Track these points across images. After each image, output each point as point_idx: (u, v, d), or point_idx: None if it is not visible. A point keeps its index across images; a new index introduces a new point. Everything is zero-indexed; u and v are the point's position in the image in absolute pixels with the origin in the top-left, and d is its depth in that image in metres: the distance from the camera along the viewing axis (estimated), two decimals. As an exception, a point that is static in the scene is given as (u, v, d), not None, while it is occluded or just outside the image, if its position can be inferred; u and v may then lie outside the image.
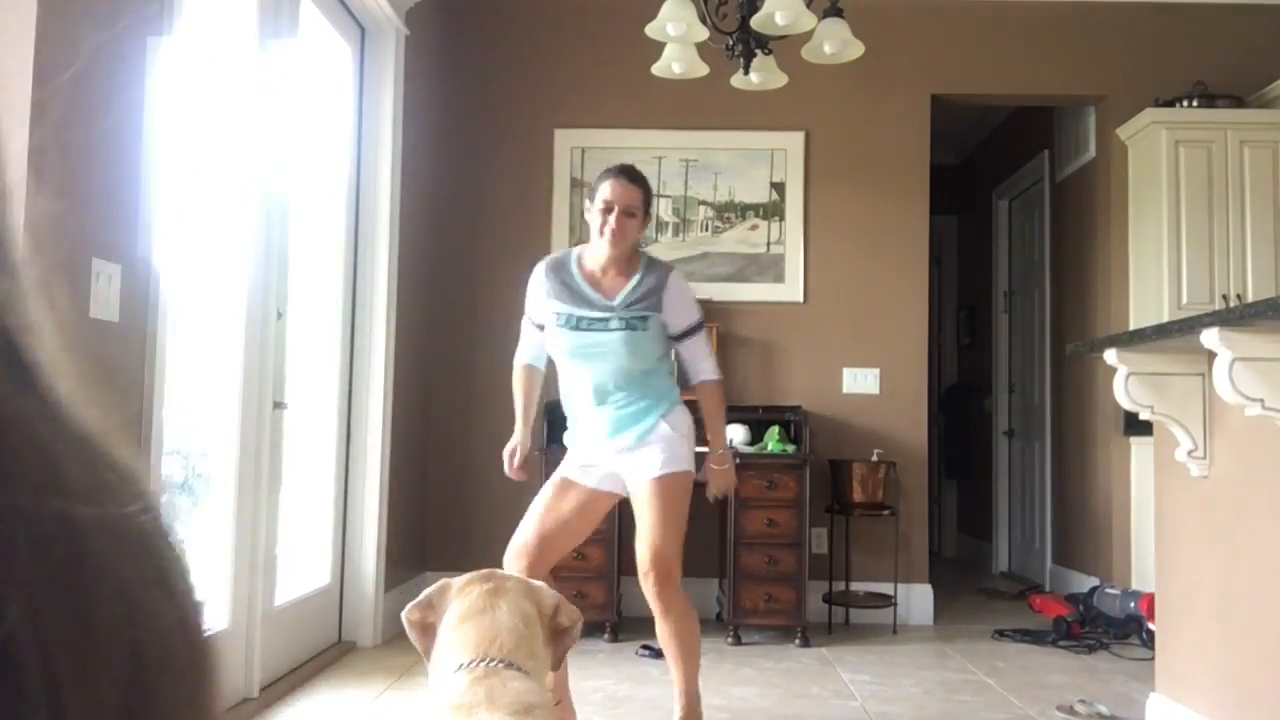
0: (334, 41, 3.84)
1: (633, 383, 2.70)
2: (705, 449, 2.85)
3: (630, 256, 2.73)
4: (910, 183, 4.88)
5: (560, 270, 2.74)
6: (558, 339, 2.72)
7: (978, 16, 4.96)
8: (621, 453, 2.69)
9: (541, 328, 2.78)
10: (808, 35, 3.27)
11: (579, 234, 4.74)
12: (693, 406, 2.82)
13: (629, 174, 2.71)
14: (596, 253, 2.72)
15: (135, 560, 0.32)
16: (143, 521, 0.32)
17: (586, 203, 2.74)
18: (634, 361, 2.68)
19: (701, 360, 2.79)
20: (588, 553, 4.08)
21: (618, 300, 2.69)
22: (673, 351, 2.82)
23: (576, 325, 2.69)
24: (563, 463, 2.80)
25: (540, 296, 2.77)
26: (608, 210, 2.64)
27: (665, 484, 2.66)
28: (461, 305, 4.81)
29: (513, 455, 2.82)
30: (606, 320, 2.67)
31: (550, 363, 2.86)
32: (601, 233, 2.65)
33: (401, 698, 3.25)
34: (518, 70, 4.92)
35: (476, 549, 4.72)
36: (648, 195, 2.73)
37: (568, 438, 2.85)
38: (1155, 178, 4.63)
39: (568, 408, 2.81)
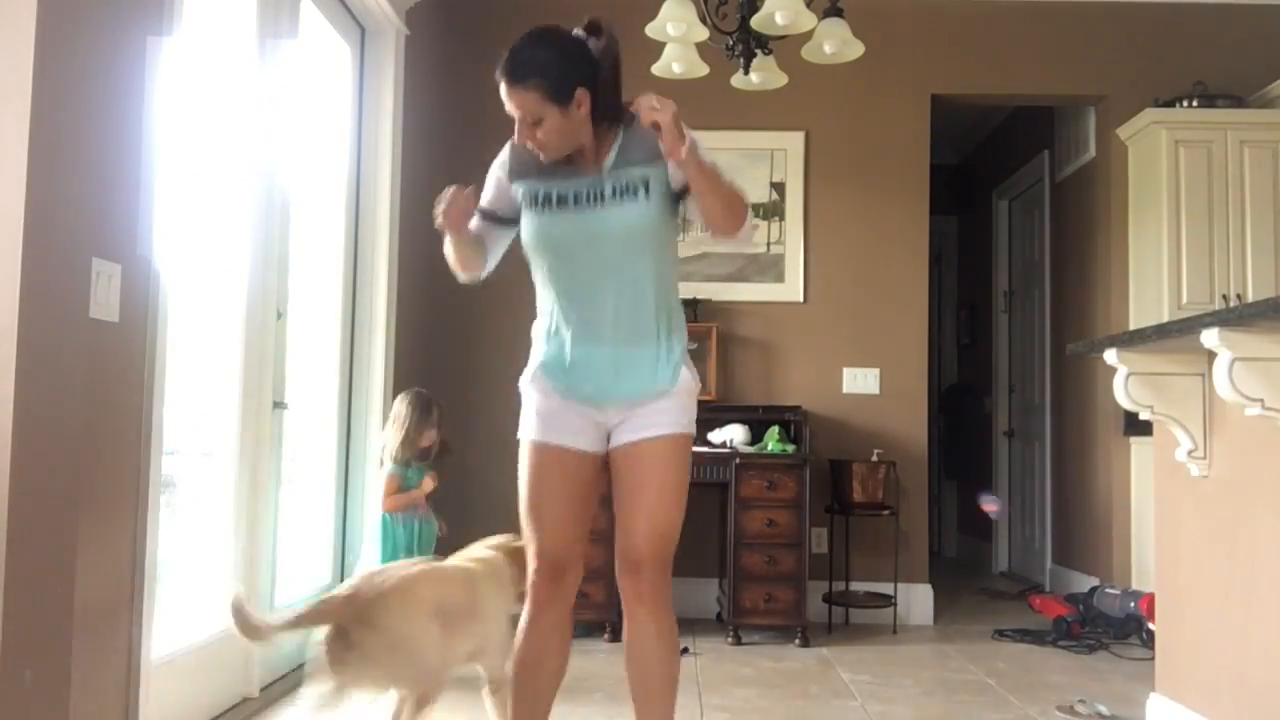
0: (334, 41, 3.84)
1: (645, 301, 2.11)
2: None
3: (589, 137, 2.14)
4: (910, 183, 4.88)
5: (527, 150, 2.13)
6: (535, 230, 2.12)
7: (978, 16, 4.96)
8: (629, 404, 2.12)
9: (488, 216, 2.21)
10: (808, 35, 3.27)
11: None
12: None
13: (518, 68, 2.10)
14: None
15: None
16: None
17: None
18: (647, 254, 2.11)
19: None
20: (589, 552, 4.07)
21: (606, 163, 2.12)
22: (678, 256, 2.26)
23: (560, 203, 2.10)
24: (524, 426, 2.16)
25: (499, 171, 2.21)
26: (517, 122, 2.08)
27: (677, 446, 2.13)
28: (461, 305, 4.81)
29: (460, 195, 2.11)
30: (598, 192, 2.09)
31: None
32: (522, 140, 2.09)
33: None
34: (518, 70, 4.91)
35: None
36: (552, 82, 2.08)
37: (537, 380, 2.16)
38: (1155, 178, 4.63)
39: (552, 335, 2.17)
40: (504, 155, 2.24)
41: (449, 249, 2.21)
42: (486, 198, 2.23)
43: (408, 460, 3.40)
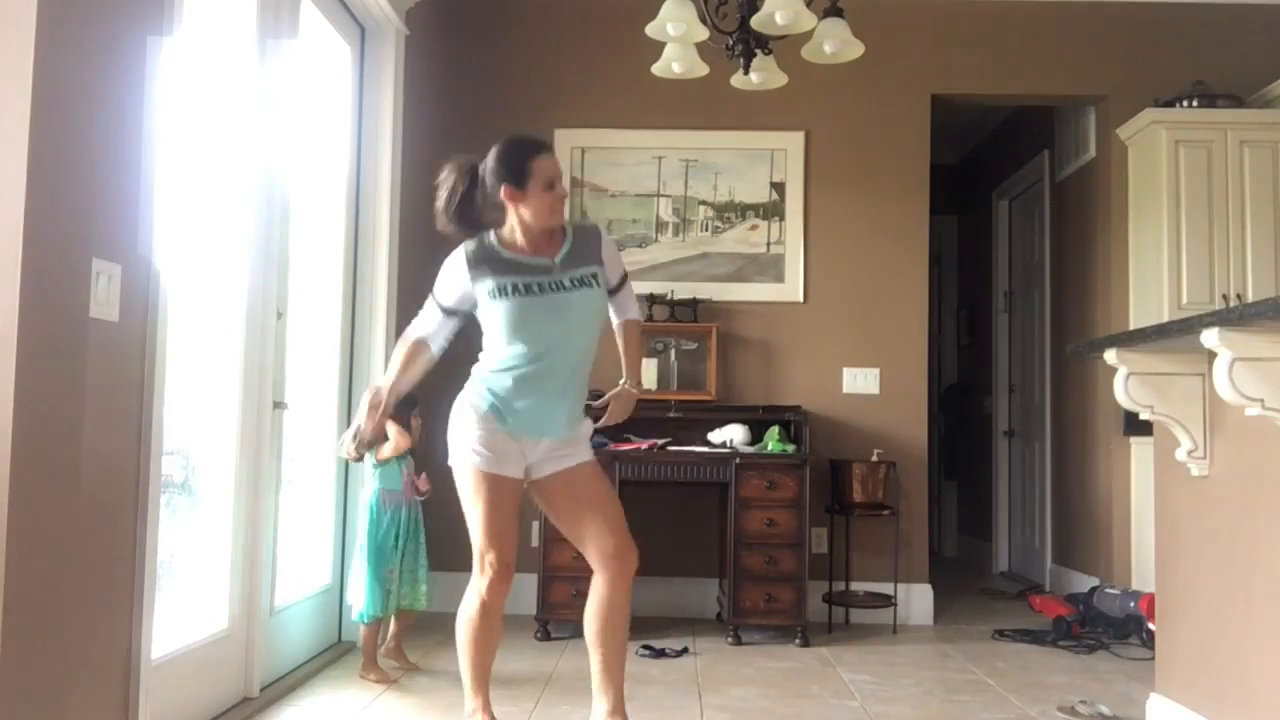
0: (334, 42, 3.84)
1: (585, 364, 2.67)
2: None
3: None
4: (910, 183, 4.88)
5: (484, 250, 2.62)
6: (505, 313, 2.57)
7: (978, 16, 4.96)
8: (562, 442, 2.65)
9: (452, 313, 2.69)
10: (808, 35, 3.27)
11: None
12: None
13: (549, 146, 2.68)
14: (531, 228, 2.61)
15: None
16: None
17: (505, 186, 2.57)
18: (592, 328, 2.65)
19: (630, 303, 2.83)
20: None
21: (557, 259, 2.62)
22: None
23: (527, 290, 2.57)
24: (475, 458, 2.59)
25: (459, 279, 2.63)
26: (550, 186, 2.58)
27: (598, 466, 2.73)
28: (461, 305, 4.81)
29: (376, 401, 2.70)
30: (558, 281, 2.60)
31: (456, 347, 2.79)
32: (553, 209, 2.59)
33: (401, 698, 3.25)
34: (518, 70, 4.92)
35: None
36: None
37: (486, 418, 2.60)
38: (1155, 178, 4.63)
39: (509, 394, 2.60)
40: (459, 261, 2.65)
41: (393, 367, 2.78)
42: (449, 299, 2.69)
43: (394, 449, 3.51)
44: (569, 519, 2.70)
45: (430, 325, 2.73)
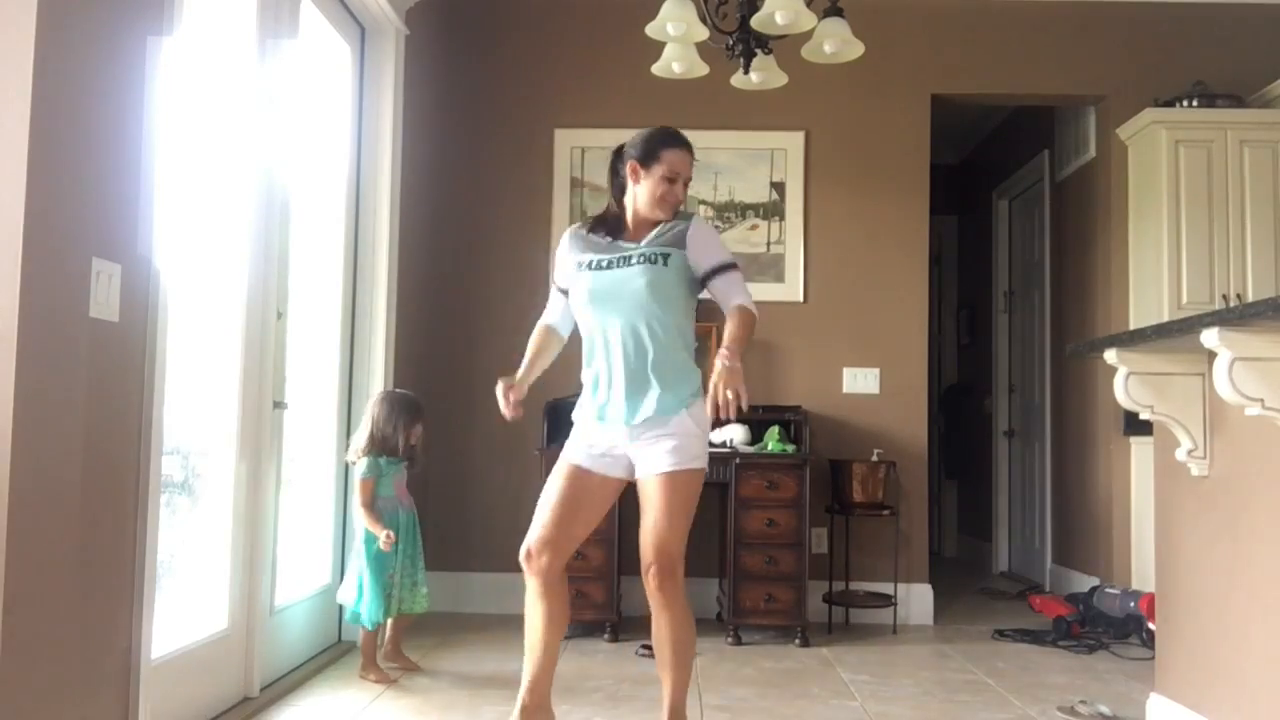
0: (334, 42, 3.84)
1: (659, 351, 2.59)
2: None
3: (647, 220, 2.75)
4: (910, 183, 4.88)
5: (585, 229, 2.77)
6: (578, 287, 2.66)
7: (978, 16, 4.96)
8: (637, 441, 2.60)
9: (566, 293, 2.75)
10: (808, 35, 3.27)
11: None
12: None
13: (688, 142, 2.74)
14: (639, 212, 2.70)
15: None
16: None
17: (632, 161, 2.68)
18: (657, 307, 2.59)
19: (733, 291, 2.71)
20: (588, 553, 4.08)
21: (643, 243, 2.67)
22: (693, 322, 2.79)
23: (597, 266, 2.65)
24: (569, 446, 2.69)
25: (565, 256, 2.75)
26: (673, 180, 2.66)
27: (677, 479, 2.59)
28: (461, 305, 4.81)
29: (509, 390, 2.68)
30: (627, 257, 2.64)
31: (574, 340, 2.78)
32: (663, 200, 2.66)
33: (400, 698, 3.25)
34: (518, 70, 4.92)
35: (476, 549, 4.73)
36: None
37: (579, 413, 2.71)
38: (1155, 178, 4.63)
39: (588, 380, 2.69)
40: (567, 236, 2.79)
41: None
42: (562, 279, 2.78)
43: (381, 454, 3.51)
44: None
45: (554, 309, 2.82)
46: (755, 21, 3.15)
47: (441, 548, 4.70)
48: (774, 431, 4.36)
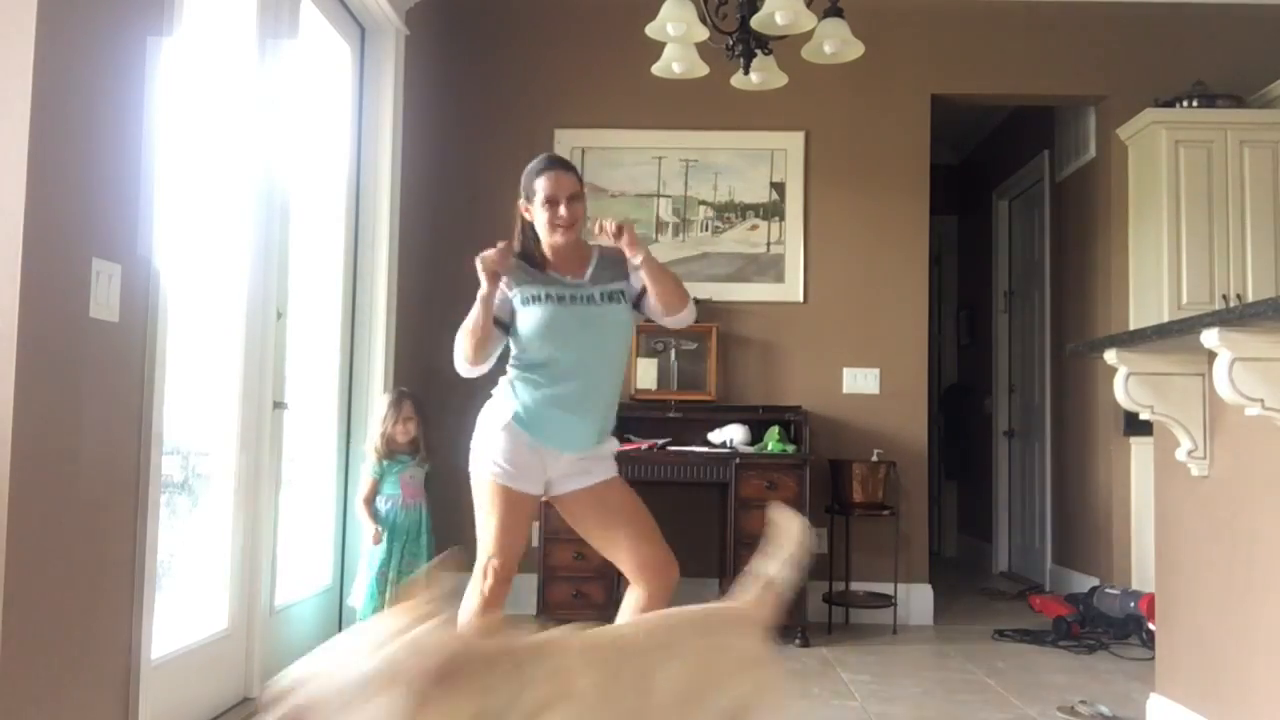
0: (334, 41, 3.84)
1: (614, 381, 2.70)
2: None
3: (579, 245, 2.73)
4: (910, 183, 4.88)
5: (520, 262, 2.70)
6: (537, 320, 2.62)
7: (978, 16, 4.96)
8: (585, 458, 2.66)
9: (496, 322, 2.68)
10: (808, 35, 3.27)
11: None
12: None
13: (561, 163, 2.71)
14: (552, 246, 2.68)
15: None
16: None
17: (521, 203, 2.71)
18: (622, 347, 2.70)
19: None
20: (588, 553, 4.06)
21: (585, 278, 2.68)
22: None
23: (560, 300, 2.62)
24: (495, 470, 2.62)
25: (500, 287, 2.67)
26: (553, 202, 2.63)
27: (624, 482, 2.74)
28: (461, 305, 4.79)
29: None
30: (589, 294, 2.64)
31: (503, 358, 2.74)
32: (552, 224, 2.63)
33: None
34: (518, 70, 4.92)
35: (475, 549, 4.72)
36: (580, 179, 2.74)
37: (510, 428, 2.62)
38: (1155, 178, 4.63)
39: (538, 405, 2.62)
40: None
41: (472, 326, 2.68)
42: (499, 307, 2.68)
43: (388, 455, 3.56)
44: (601, 535, 2.71)
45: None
46: (755, 22, 3.15)
47: (441, 548, 4.70)
48: (774, 431, 4.36)
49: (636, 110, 4.85)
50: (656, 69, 3.48)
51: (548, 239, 2.68)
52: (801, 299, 4.83)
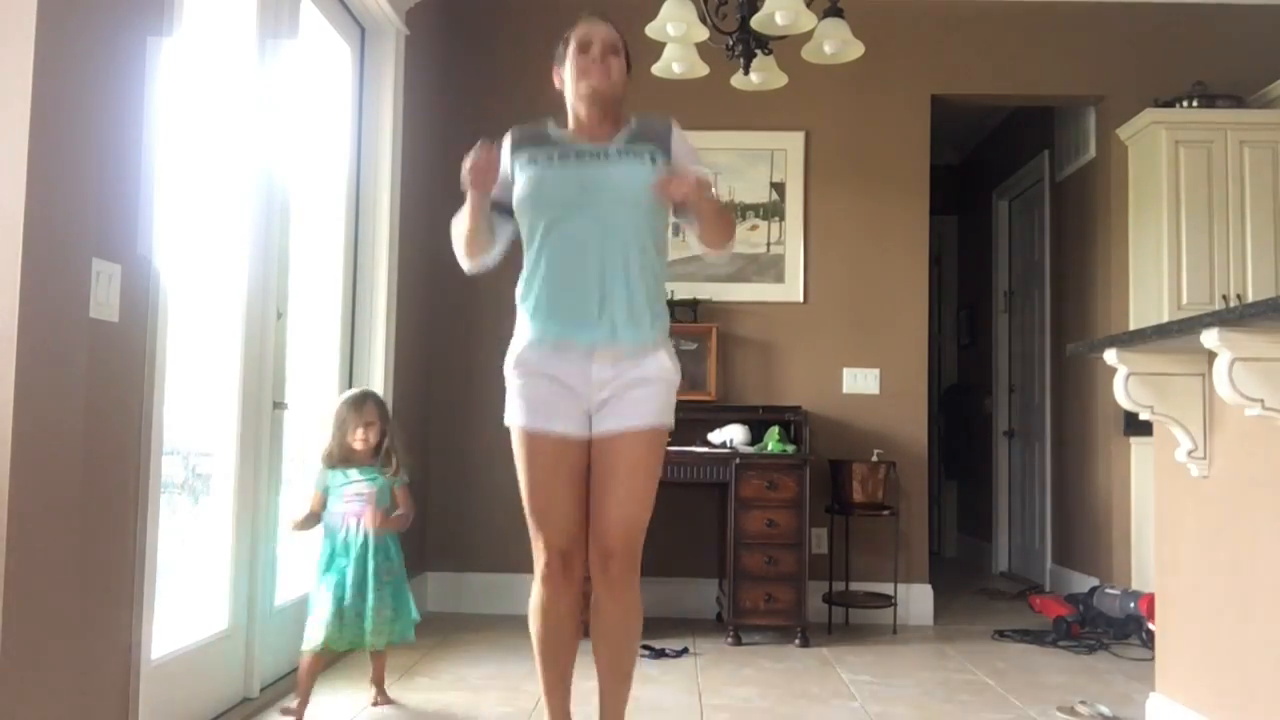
0: (334, 42, 3.84)
1: (630, 251, 2.21)
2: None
3: (612, 109, 2.32)
4: (910, 183, 4.88)
5: (532, 129, 2.33)
6: (526, 183, 2.22)
7: (978, 16, 4.96)
8: (622, 377, 2.20)
9: (496, 206, 2.33)
10: (808, 35, 3.27)
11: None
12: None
13: (600, 14, 2.33)
14: (577, 107, 2.30)
15: None
16: None
17: (554, 69, 2.36)
18: (631, 207, 2.21)
19: None
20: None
21: (613, 143, 2.28)
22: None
23: (561, 157, 2.23)
24: (511, 412, 2.24)
25: (503, 157, 2.31)
26: (585, 47, 2.25)
27: (653, 439, 2.21)
28: (461, 305, 4.81)
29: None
30: (603, 152, 2.23)
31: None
32: (583, 72, 2.24)
33: (400, 699, 3.25)
34: (518, 70, 4.91)
35: (477, 549, 4.73)
36: (619, 37, 2.34)
37: (522, 359, 2.23)
38: (1155, 178, 4.63)
39: (540, 285, 2.24)
40: (506, 137, 2.36)
41: (460, 228, 2.33)
42: (499, 188, 2.35)
43: (342, 463, 3.07)
44: (591, 495, 2.22)
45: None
46: (755, 22, 3.15)
47: (441, 548, 4.71)
48: (774, 432, 4.36)
49: (636, 110, 4.84)
50: (656, 69, 3.49)
51: (574, 92, 2.27)
52: (801, 299, 4.84)
